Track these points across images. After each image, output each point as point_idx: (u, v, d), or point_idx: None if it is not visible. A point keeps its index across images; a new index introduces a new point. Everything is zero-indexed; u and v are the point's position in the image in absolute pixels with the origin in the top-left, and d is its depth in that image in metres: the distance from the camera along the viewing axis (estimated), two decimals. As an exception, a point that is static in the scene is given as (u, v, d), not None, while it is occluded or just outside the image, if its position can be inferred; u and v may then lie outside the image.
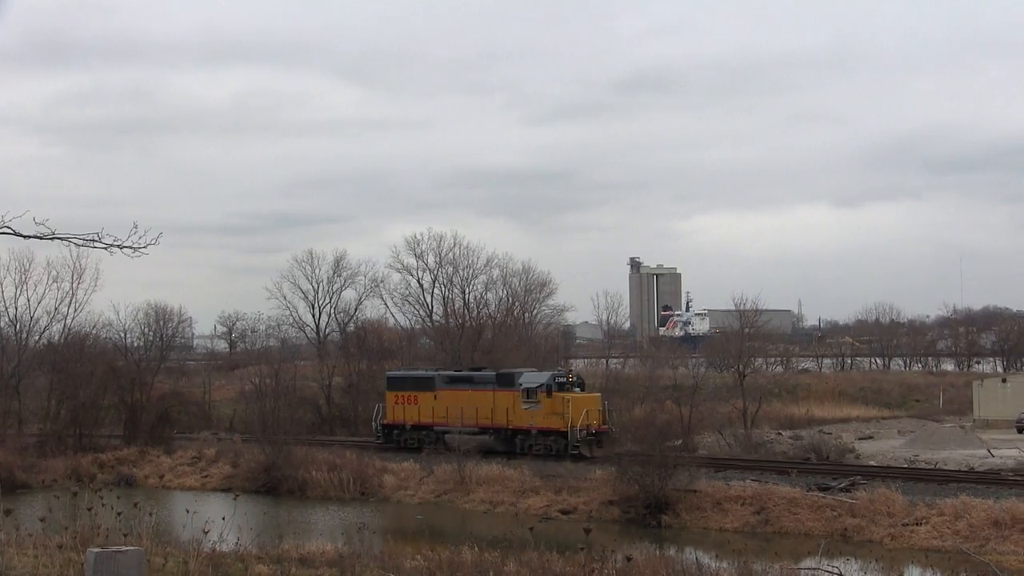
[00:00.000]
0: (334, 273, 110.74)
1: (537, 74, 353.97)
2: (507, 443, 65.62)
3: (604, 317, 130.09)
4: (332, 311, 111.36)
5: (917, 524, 45.88)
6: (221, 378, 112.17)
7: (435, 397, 69.39)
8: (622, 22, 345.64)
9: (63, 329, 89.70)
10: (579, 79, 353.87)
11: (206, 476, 70.27)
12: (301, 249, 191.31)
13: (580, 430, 61.99)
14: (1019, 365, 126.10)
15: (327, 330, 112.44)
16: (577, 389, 64.87)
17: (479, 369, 73.78)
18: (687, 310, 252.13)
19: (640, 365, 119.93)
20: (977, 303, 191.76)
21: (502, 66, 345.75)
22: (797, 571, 30.26)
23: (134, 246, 15.55)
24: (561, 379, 65.25)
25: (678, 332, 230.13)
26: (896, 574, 34.67)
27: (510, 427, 65.51)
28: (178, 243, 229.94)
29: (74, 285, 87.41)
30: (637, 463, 53.45)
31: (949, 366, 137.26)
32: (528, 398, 64.02)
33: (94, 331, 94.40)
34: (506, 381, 66.35)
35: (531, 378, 65.88)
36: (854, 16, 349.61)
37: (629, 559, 27.27)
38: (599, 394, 68.75)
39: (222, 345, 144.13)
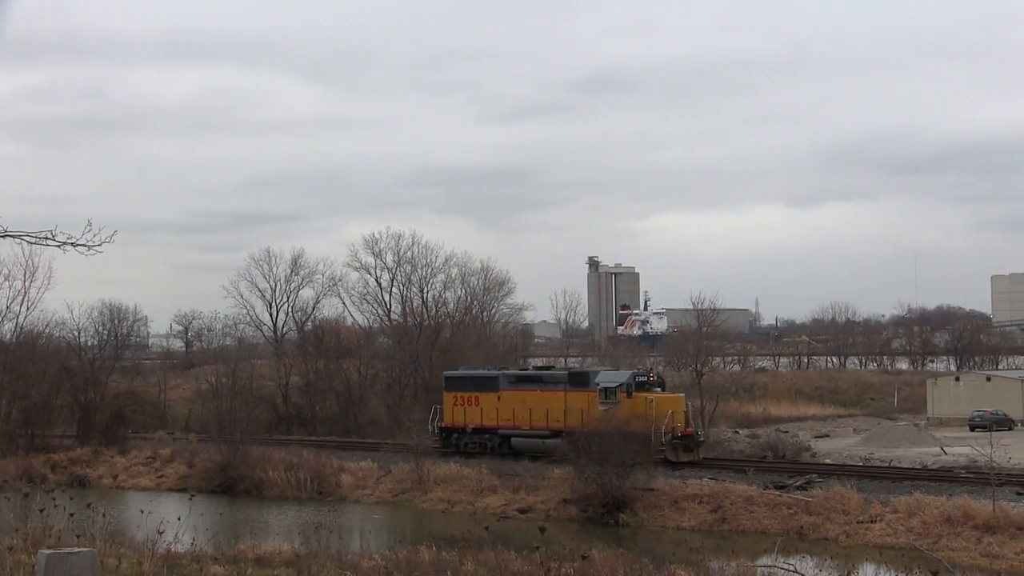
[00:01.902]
0: (292, 272, 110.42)
1: (497, 73, 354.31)
2: None
3: (562, 316, 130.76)
4: (290, 310, 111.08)
5: (872, 521, 46.22)
6: (177, 377, 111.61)
7: (499, 398, 64.75)
8: (582, 22, 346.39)
9: (15, 328, 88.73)
10: (539, 78, 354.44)
11: (161, 476, 69.78)
12: (259, 248, 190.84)
13: (665, 433, 57.78)
14: (972, 364, 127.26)
15: (284, 329, 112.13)
16: (658, 389, 61.30)
17: (548, 368, 71.93)
18: (645, 309, 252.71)
19: (598, 364, 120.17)
20: (931, 302, 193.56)
21: (462, 65, 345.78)
22: (754, 569, 30.35)
23: (88, 244, 15.32)
24: (642, 378, 61.69)
25: (636, 331, 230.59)
26: (851, 571, 34.81)
27: None
28: (134, 241, 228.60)
29: (26, 283, 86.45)
30: (594, 462, 53.42)
31: (904, 365, 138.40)
32: (606, 398, 59.48)
33: (47, 330, 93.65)
34: (580, 381, 62.70)
35: (609, 377, 62.74)
36: (810, 19, 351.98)
37: (585, 557, 27.27)
38: (682, 395, 65.19)
39: (178, 344, 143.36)
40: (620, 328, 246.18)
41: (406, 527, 53.49)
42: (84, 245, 15.25)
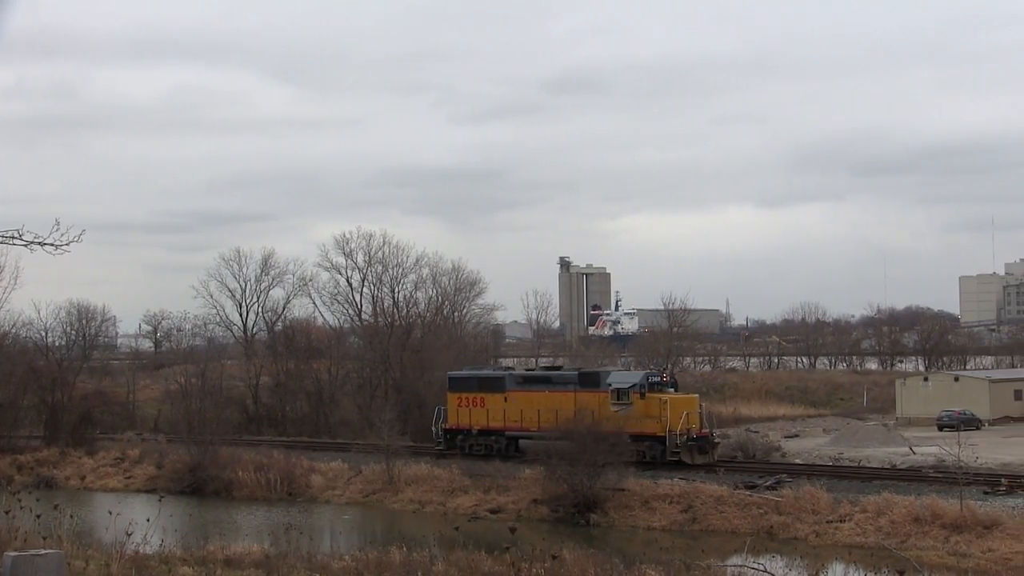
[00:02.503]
0: (262, 272, 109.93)
1: (468, 74, 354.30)
2: None
3: (534, 316, 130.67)
4: (260, 310, 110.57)
5: (841, 521, 46.45)
6: (146, 378, 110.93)
7: (505, 399, 63.34)
8: (552, 23, 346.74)
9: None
10: (510, 79, 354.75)
11: (130, 477, 69.41)
12: (229, 247, 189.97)
13: (680, 435, 56.85)
14: (940, 364, 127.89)
15: (254, 329, 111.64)
16: (671, 389, 60.06)
17: (556, 368, 70.63)
18: (616, 309, 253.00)
19: (570, 364, 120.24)
20: (900, 303, 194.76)
21: (433, 65, 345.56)
22: (724, 569, 30.42)
23: (55, 243, 15.27)
24: (655, 378, 60.54)
25: (607, 331, 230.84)
26: (820, 571, 34.94)
27: None
28: (103, 241, 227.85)
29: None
30: (565, 462, 53.42)
31: (873, 365, 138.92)
32: (618, 399, 58.21)
33: (13, 330, 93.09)
34: (591, 381, 61.12)
35: (621, 377, 61.54)
36: (778, 21, 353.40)
37: (555, 557, 27.24)
38: (697, 395, 63.93)
39: (147, 344, 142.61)
40: (591, 328, 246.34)
41: (376, 527, 53.43)
42: (52, 244, 15.20)
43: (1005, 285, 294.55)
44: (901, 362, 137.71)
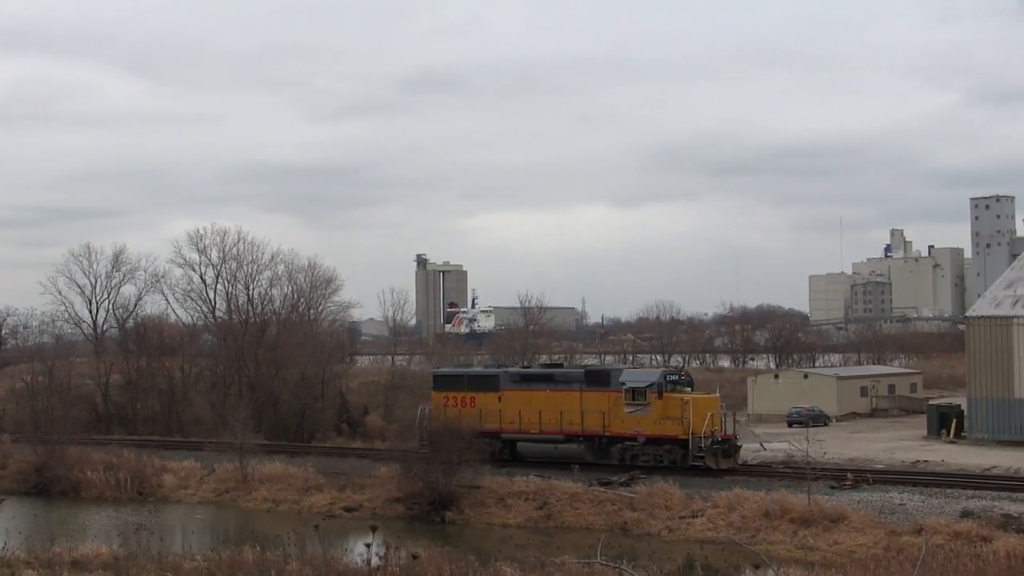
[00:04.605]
0: (113, 268, 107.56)
1: (326, 70, 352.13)
2: (601, 453, 56.09)
3: (390, 314, 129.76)
4: (111, 307, 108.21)
5: (693, 516, 47.18)
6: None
7: (500, 398, 58.85)
8: (412, 22, 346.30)
9: None
10: (368, 77, 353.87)
11: (-30, 479, 67.25)
12: (78, 243, 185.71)
13: (704, 438, 53.00)
14: (790, 362, 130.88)
15: (105, 326, 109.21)
16: (688, 388, 56.19)
17: (558, 365, 67.56)
18: (473, 307, 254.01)
19: (426, 362, 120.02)
20: (752, 301, 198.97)
21: (290, 62, 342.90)
22: (577, 565, 30.64)
23: None
24: (673, 376, 56.76)
25: (464, 329, 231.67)
26: (671, 566, 35.47)
27: (607, 434, 55.55)
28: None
29: None
30: (421, 459, 53.28)
31: (726, 362, 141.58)
32: (633, 400, 54.35)
33: None
34: (599, 380, 56.98)
35: (636, 376, 57.21)
36: (634, 24, 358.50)
37: (415, 556, 27.19)
38: (718, 395, 59.04)
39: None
40: (448, 326, 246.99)
41: (230, 527, 52.77)
42: None
43: (852, 284, 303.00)
44: (753, 359, 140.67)
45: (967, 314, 74.07)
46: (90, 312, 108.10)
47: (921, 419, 75.20)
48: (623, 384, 55.26)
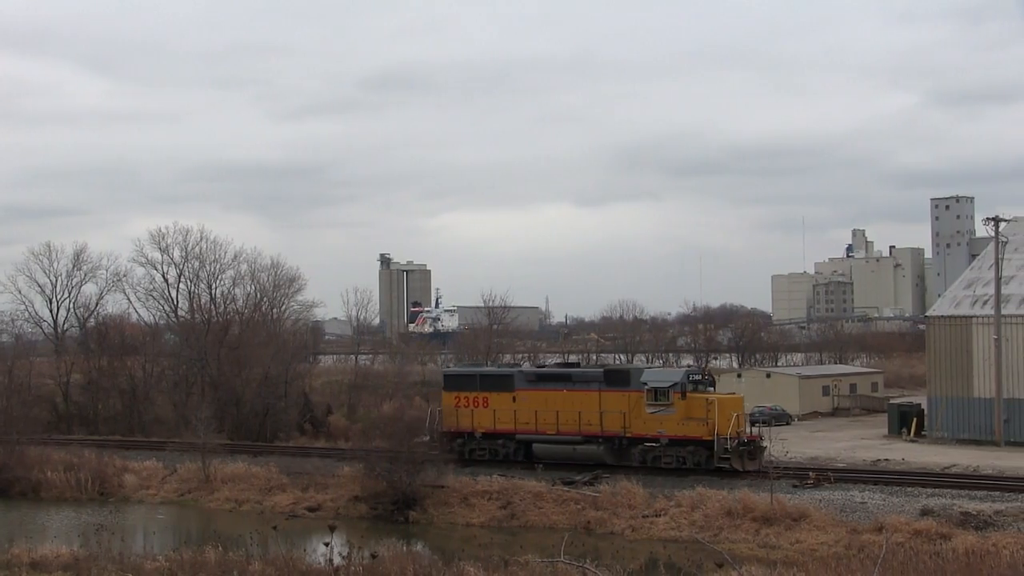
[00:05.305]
0: (74, 267, 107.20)
1: (289, 70, 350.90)
2: (621, 454, 54.98)
3: (354, 313, 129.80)
4: (71, 306, 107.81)
5: (656, 516, 47.31)
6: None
7: (514, 399, 57.61)
8: (375, 21, 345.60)
9: None
10: (331, 76, 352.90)
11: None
12: (38, 241, 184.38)
13: (730, 439, 51.87)
14: (753, 361, 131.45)
15: (66, 325, 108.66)
16: (711, 389, 55.16)
17: (575, 365, 66.69)
18: (437, 306, 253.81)
19: (389, 361, 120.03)
20: (715, 301, 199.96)
21: (253, 61, 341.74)
22: (540, 564, 30.69)
23: None
24: (696, 376, 55.69)
25: (428, 328, 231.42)
26: (635, 565, 35.62)
27: (628, 435, 54.41)
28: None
29: None
30: (385, 459, 53.17)
31: (689, 362, 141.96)
32: (656, 400, 53.21)
33: None
34: (619, 379, 55.69)
35: (658, 376, 56.25)
36: (598, 24, 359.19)
37: (375, 556, 27.16)
38: (742, 395, 59.05)
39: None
40: (411, 325, 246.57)
41: (192, 527, 52.54)
42: None
43: (815, 284, 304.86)
44: (716, 359, 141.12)
45: (927, 314, 74.64)
46: (50, 311, 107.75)
47: (882, 418, 75.69)
48: (645, 384, 54.10)
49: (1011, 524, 41.89)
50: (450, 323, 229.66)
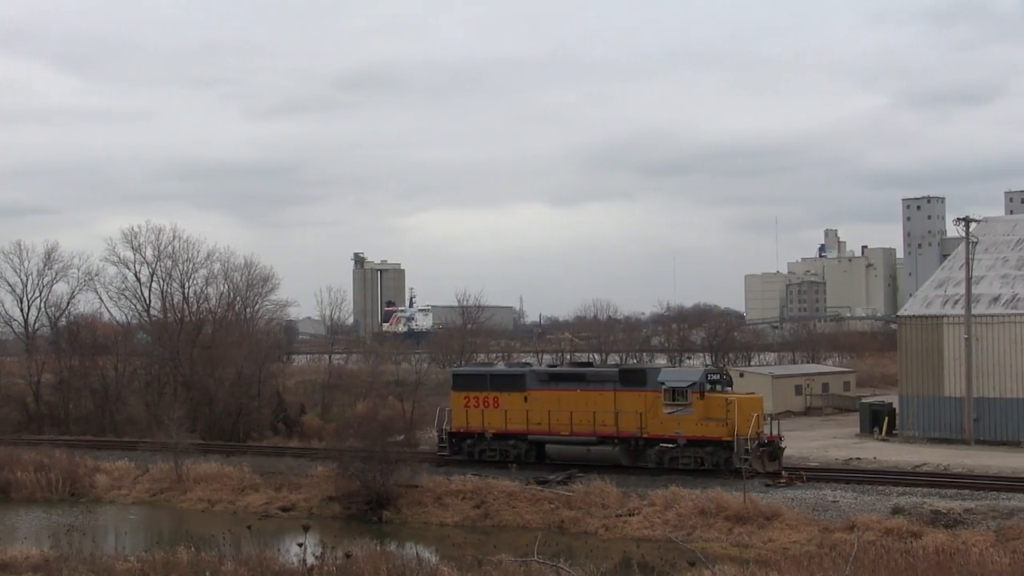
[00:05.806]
0: (45, 266, 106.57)
1: (262, 68, 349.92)
2: (637, 455, 54.15)
3: (327, 312, 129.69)
4: (42, 305, 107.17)
5: (630, 515, 47.38)
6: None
7: (525, 399, 56.63)
8: (348, 20, 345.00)
9: None
10: (304, 74, 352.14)
11: None
12: (8, 240, 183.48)
13: (751, 440, 51.14)
14: (726, 360, 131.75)
15: (36, 325, 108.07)
16: (729, 388, 54.51)
17: (588, 364, 65.66)
18: (411, 306, 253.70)
19: (363, 360, 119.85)
20: (689, 300, 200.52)
21: (226, 59, 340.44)
22: (514, 564, 30.70)
23: None
24: (714, 376, 54.55)
25: (401, 328, 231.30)
26: (608, 564, 35.68)
27: (644, 435, 53.46)
28: None
29: None
30: (359, 458, 53.10)
31: (662, 361, 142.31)
32: (673, 400, 52.33)
33: None
34: (635, 379, 54.75)
35: (676, 375, 56.00)
36: (572, 24, 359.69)
37: (349, 556, 27.13)
38: (760, 395, 58.33)
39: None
40: (385, 325, 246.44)
41: (164, 527, 52.36)
42: None
43: (787, 284, 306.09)
44: (689, 358, 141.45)
45: (899, 313, 74.97)
46: (21, 310, 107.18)
47: (854, 417, 75.99)
48: (662, 384, 53.28)
49: (980, 522, 42.18)
50: (424, 323, 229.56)
